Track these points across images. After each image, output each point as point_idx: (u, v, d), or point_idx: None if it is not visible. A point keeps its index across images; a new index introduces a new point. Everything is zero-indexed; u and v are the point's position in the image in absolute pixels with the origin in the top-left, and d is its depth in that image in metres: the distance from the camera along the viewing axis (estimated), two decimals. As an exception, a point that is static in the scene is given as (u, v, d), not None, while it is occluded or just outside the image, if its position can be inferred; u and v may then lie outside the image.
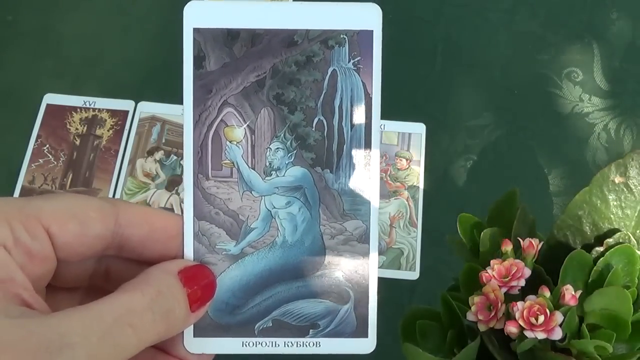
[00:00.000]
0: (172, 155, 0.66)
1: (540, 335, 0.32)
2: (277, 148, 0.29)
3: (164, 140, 0.67)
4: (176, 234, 0.27)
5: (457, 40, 0.72)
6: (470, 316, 0.35)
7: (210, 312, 0.27)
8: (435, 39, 0.72)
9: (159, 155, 0.66)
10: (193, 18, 0.29)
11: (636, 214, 0.37)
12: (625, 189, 0.37)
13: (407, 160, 0.66)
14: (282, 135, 0.29)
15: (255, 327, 0.28)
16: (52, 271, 0.25)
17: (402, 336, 0.38)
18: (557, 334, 0.32)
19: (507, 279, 0.34)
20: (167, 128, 0.68)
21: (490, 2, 0.74)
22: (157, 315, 0.23)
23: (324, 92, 0.30)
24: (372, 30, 0.30)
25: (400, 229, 0.63)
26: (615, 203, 0.37)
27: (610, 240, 0.36)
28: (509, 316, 0.34)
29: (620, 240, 0.36)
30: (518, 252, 0.36)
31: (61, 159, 0.66)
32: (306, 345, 0.28)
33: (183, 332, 0.27)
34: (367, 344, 0.29)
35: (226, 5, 0.29)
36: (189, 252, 0.27)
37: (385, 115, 0.72)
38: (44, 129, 0.68)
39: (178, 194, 0.65)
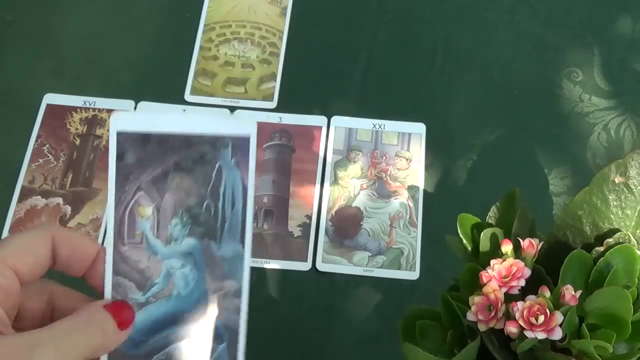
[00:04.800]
0: (172, 155, 0.66)
1: (540, 335, 0.32)
2: (176, 223, 0.39)
3: (164, 140, 0.67)
4: (95, 256, 0.36)
5: (457, 40, 0.72)
6: (470, 316, 0.35)
7: (121, 346, 0.35)
8: (435, 39, 0.72)
9: (159, 155, 0.66)
10: (116, 124, 0.39)
11: (636, 214, 0.37)
12: (625, 189, 0.37)
13: (407, 160, 0.66)
14: (180, 214, 0.39)
15: (154, 358, 0.37)
16: (18, 304, 0.33)
17: (402, 336, 0.38)
18: (557, 334, 0.32)
19: (507, 279, 0.34)
20: (167, 128, 0.68)
21: (490, 2, 0.74)
22: (93, 328, 0.32)
23: (212, 182, 0.39)
24: (249, 137, 0.39)
25: (400, 229, 0.63)
26: (615, 203, 0.37)
27: (610, 240, 0.36)
28: (509, 316, 0.34)
29: (620, 240, 0.36)
30: (518, 252, 0.36)
31: (61, 159, 0.66)
32: None
33: None
34: None
35: (141, 115, 0.42)
36: (108, 298, 0.36)
37: (385, 115, 0.73)
38: (44, 129, 0.68)
39: (178, 194, 0.65)
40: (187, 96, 0.69)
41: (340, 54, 0.71)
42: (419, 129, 0.67)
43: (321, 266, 0.61)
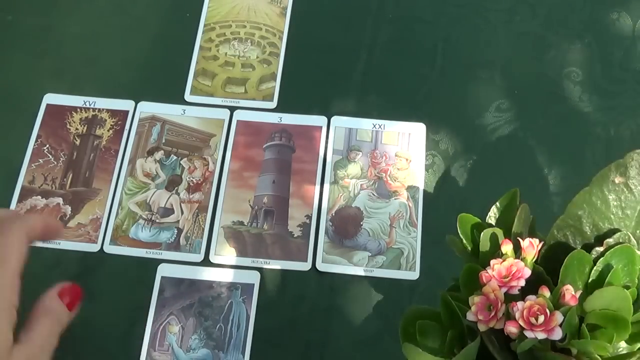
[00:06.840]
0: (172, 155, 0.66)
1: (540, 335, 0.32)
2: (195, 338, 0.57)
3: (164, 140, 0.67)
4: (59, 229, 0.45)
5: (457, 40, 0.72)
6: (470, 316, 0.35)
7: None
8: (435, 39, 0.72)
9: (159, 155, 0.66)
10: (161, 271, 0.60)
11: (636, 214, 0.37)
12: (625, 189, 0.37)
13: (407, 160, 0.66)
14: (199, 332, 0.58)
15: None
16: None
17: (402, 336, 0.38)
18: (557, 334, 0.32)
19: (507, 279, 0.34)
20: (167, 128, 0.68)
21: (490, 2, 0.74)
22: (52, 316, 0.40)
23: (224, 312, 0.58)
24: (254, 284, 0.59)
25: (400, 229, 0.63)
26: (615, 203, 0.37)
27: (610, 240, 0.36)
28: (509, 316, 0.34)
29: (620, 240, 0.36)
30: (518, 252, 0.36)
31: (61, 159, 0.67)
32: None
33: None
34: None
35: (179, 267, 0.60)
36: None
37: (385, 115, 0.72)
38: (44, 129, 0.68)
39: (178, 193, 0.65)
40: (187, 96, 0.69)
41: (340, 54, 0.71)
42: (419, 129, 0.67)
43: (321, 266, 0.61)
